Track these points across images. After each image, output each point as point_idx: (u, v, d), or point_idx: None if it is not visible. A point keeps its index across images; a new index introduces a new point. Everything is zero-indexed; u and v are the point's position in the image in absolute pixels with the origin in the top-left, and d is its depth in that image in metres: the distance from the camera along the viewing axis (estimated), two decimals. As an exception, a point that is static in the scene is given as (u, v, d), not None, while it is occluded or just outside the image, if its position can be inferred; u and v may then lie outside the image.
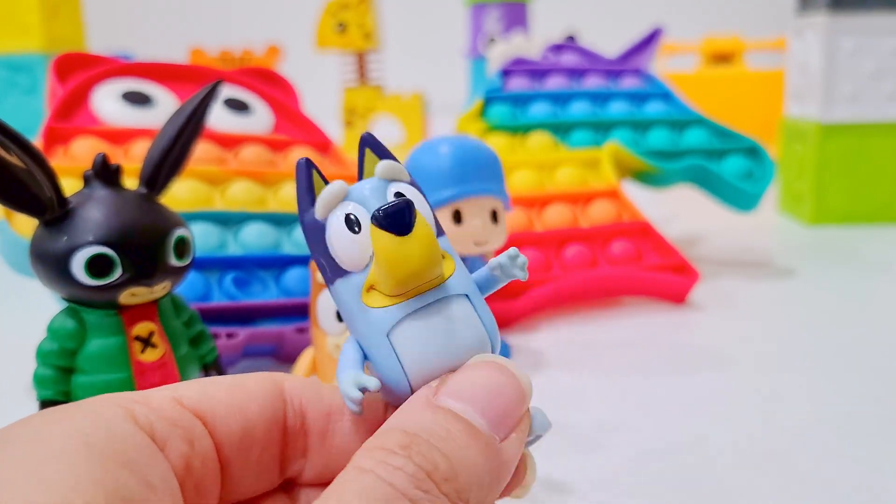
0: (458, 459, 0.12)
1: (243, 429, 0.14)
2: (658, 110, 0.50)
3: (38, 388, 0.23)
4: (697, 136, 0.49)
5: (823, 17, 0.57)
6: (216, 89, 0.25)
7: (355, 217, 0.15)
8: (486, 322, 0.15)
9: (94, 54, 0.40)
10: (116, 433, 0.12)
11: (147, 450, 0.12)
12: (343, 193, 0.15)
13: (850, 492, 0.22)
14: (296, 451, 0.15)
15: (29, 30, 0.60)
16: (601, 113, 0.49)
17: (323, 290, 0.25)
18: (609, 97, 0.50)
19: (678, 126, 0.49)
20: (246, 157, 0.38)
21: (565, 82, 0.51)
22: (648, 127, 0.49)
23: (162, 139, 0.24)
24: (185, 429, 0.13)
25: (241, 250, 0.34)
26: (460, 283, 0.15)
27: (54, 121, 0.36)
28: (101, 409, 0.13)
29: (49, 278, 0.22)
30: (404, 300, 0.15)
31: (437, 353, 0.15)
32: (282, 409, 0.15)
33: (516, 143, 0.47)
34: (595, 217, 0.43)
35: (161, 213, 0.23)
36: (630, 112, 0.50)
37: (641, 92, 0.51)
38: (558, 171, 0.45)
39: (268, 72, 0.44)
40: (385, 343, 0.15)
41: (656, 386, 0.31)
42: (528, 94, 0.50)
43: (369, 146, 0.16)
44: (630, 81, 0.52)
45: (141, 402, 0.13)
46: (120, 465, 0.12)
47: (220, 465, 0.14)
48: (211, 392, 0.14)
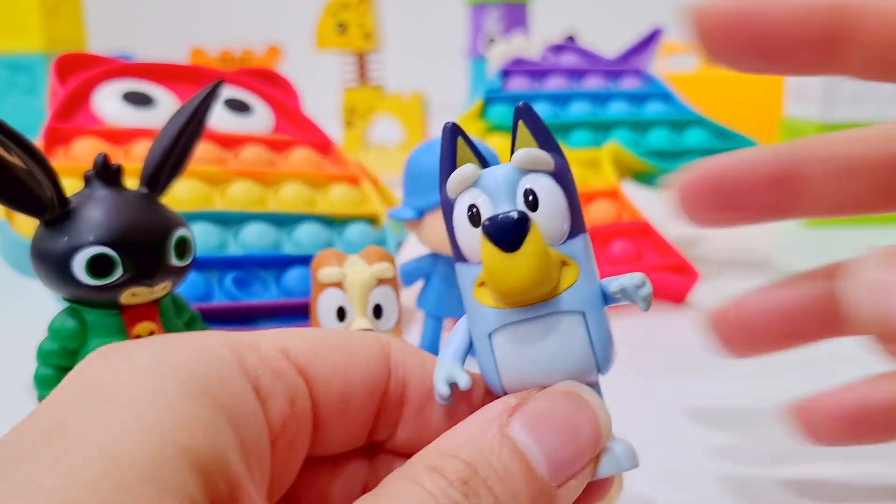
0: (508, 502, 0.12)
1: (343, 393, 0.14)
2: (658, 110, 0.50)
3: (39, 387, 0.23)
4: (697, 137, 0.49)
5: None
6: (217, 90, 0.25)
7: (477, 211, 0.14)
8: (598, 344, 0.14)
9: (94, 54, 0.40)
10: (223, 379, 0.12)
11: (249, 403, 0.12)
12: (472, 179, 0.14)
13: (851, 493, 0.22)
14: (390, 419, 0.15)
15: (29, 30, 0.60)
16: (601, 113, 0.49)
17: (323, 290, 0.25)
18: (609, 97, 0.50)
19: (678, 126, 0.50)
20: (246, 157, 0.38)
21: (565, 83, 0.51)
22: (648, 127, 0.49)
23: (163, 139, 0.24)
24: (289, 385, 0.13)
25: (241, 250, 0.34)
26: (577, 299, 0.14)
27: (55, 121, 0.36)
28: (209, 349, 0.12)
29: (50, 278, 0.22)
30: (510, 308, 0.14)
31: (532, 369, 0.14)
32: (385, 377, 0.15)
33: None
34: (595, 217, 0.43)
35: (162, 214, 0.23)
36: (630, 112, 0.50)
37: (641, 92, 0.51)
38: None
39: (268, 72, 0.44)
40: (486, 342, 0.15)
41: (656, 386, 0.31)
42: (528, 94, 0.50)
43: (523, 118, 0.15)
44: (630, 82, 0.53)
45: (250, 347, 0.13)
46: (220, 413, 0.11)
47: (313, 426, 0.14)
48: (318, 349, 0.14)
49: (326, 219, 0.37)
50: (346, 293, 0.24)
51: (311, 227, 0.36)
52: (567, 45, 0.57)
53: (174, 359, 0.11)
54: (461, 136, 0.15)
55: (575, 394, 0.14)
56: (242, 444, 0.11)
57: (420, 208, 0.32)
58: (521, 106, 0.15)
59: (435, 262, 0.33)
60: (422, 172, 0.32)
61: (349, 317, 0.24)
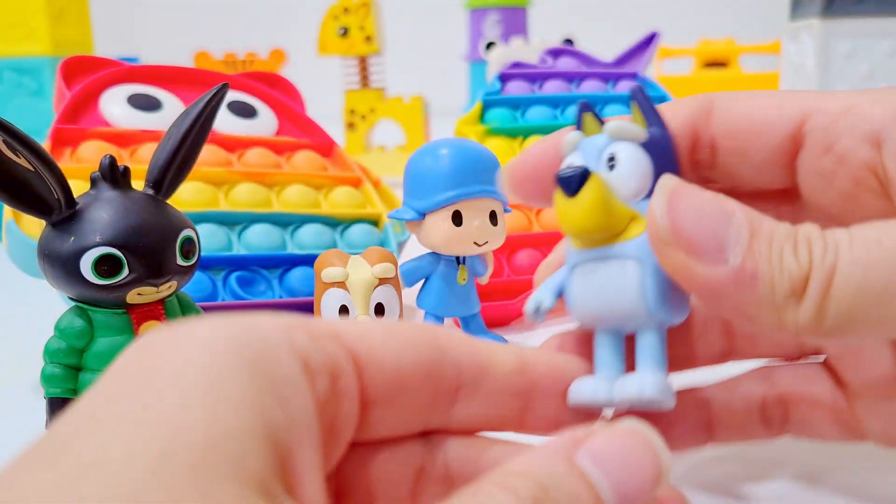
0: None
1: (396, 376, 0.14)
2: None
3: (46, 385, 0.23)
4: None
5: (816, 21, 0.57)
6: (222, 93, 0.25)
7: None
8: (651, 291, 0.16)
9: (100, 58, 0.41)
10: (272, 356, 0.12)
11: (299, 382, 0.12)
12: (574, 143, 0.18)
13: (850, 492, 0.23)
14: (445, 403, 0.15)
15: (36, 33, 0.61)
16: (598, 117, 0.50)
17: (327, 290, 0.25)
18: (606, 102, 0.51)
19: None
20: (250, 159, 0.39)
21: (563, 86, 0.52)
22: None
23: (168, 142, 0.24)
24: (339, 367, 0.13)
25: (245, 251, 0.35)
26: (637, 248, 0.16)
27: (61, 123, 0.37)
28: (260, 325, 0.12)
29: (57, 278, 0.23)
30: (584, 247, 0.17)
31: (592, 304, 0.17)
32: (438, 361, 0.15)
33: (515, 146, 0.47)
34: None
35: (168, 215, 0.24)
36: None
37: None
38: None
39: (272, 76, 0.45)
40: (569, 276, 0.18)
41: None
42: (527, 97, 0.50)
43: (637, 101, 0.18)
44: (626, 85, 0.53)
45: (301, 327, 0.13)
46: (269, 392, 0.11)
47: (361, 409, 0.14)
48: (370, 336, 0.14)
49: (329, 220, 0.38)
50: (348, 292, 0.25)
51: (314, 228, 0.37)
52: (565, 49, 0.57)
53: (229, 336, 0.12)
54: (588, 111, 0.19)
55: (638, 432, 0.14)
56: (294, 421, 0.12)
57: (421, 209, 0.32)
58: (634, 90, 0.18)
59: (435, 261, 0.34)
60: (422, 174, 0.32)
61: (352, 315, 0.25)
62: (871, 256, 0.15)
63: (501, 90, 0.51)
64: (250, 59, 0.89)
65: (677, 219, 0.16)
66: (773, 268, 0.15)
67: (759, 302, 0.16)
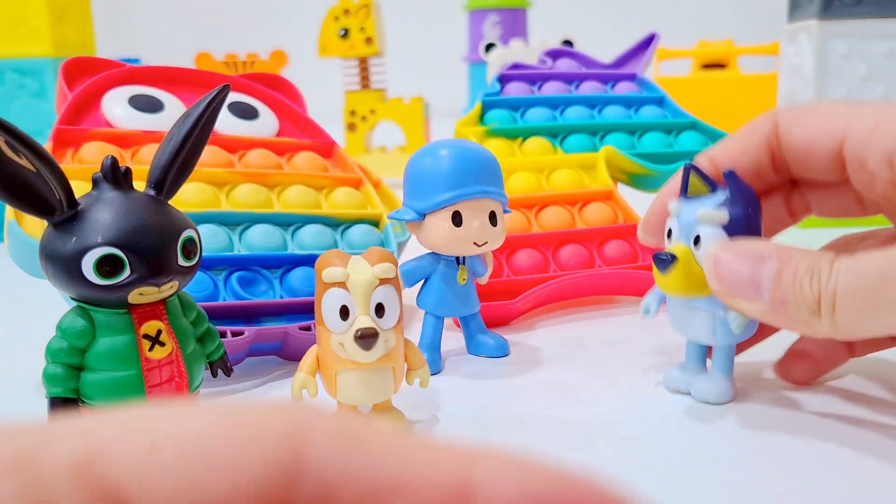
0: None
1: None
2: (652, 115, 0.51)
3: (48, 385, 0.23)
4: (691, 140, 0.50)
5: (814, 23, 0.58)
6: (223, 94, 0.25)
7: (670, 232, 0.27)
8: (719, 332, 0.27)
9: (102, 59, 0.41)
10: None
11: None
12: (676, 211, 0.26)
13: (847, 490, 0.23)
14: None
15: (38, 34, 0.61)
16: (597, 118, 0.50)
17: (327, 290, 0.25)
18: (605, 103, 0.51)
19: (672, 130, 0.50)
20: (251, 160, 0.39)
21: (562, 87, 0.52)
22: (643, 132, 0.50)
23: (170, 143, 0.24)
24: None
25: (247, 251, 0.35)
26: (710, 303, 0.26)
27: (63, 124, 0.37)
28: None
29: (59, 278, 0.23)
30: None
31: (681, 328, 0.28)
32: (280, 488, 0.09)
33: (514, 147, 0.47)
34: (591, 218, 0.44)
35: (169, 215, 0.24)
36: (625, 116, 0.50)
37: (637, 97, 0.52)
38: (555, 174, 0.46)
39: (273, 77, 0.45)
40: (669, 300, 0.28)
41: (650, 384, 0.31)
42: (526, 98, 0.50)
43: (727, 181, 0.25)
44: (625, 86, 0.53)
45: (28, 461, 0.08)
46: None
47: None
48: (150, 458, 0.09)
49: (330, 220, 0.38)
50: (349, 292, 0.25)
51: (314, 229, 0.37)
52: (564, 51, 0.57)
53: None
54: (693, 170, 0.26)
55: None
56: None
57: (421, 210, 0.32)
58: (727, 173, 0.25)
59: (435, 262, 0.34)
60: (423, 175, 0.33)
61: (352, 315, 0.25)
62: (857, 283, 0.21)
63: (501, 91, 0.51)
64: (251, 61, 0.89)
65: (721, 278, 0.24)
66: (796, 296, 0.22)
67: (793, 320, 0.23)
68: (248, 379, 0.33)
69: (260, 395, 0.31)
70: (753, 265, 0.23)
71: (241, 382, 0.32)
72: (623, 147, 0.48)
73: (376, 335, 0.25)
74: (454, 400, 0.30)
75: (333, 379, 0.26)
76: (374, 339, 0.25)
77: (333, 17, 0.95)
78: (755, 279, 0.23)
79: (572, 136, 0.48)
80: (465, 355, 0.35)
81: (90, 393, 0.23)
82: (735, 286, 0.23)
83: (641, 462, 0.25)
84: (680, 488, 0.23)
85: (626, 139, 0.49)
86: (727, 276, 0.24)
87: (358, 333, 0.24)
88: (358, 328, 0.25)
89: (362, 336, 0.24)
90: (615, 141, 0.48)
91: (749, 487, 0.23)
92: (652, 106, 0.51)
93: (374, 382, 0.26)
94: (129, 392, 0.23)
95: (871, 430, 0.26)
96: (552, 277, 0.40)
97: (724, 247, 0.24)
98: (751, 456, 0.25)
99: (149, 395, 0.24)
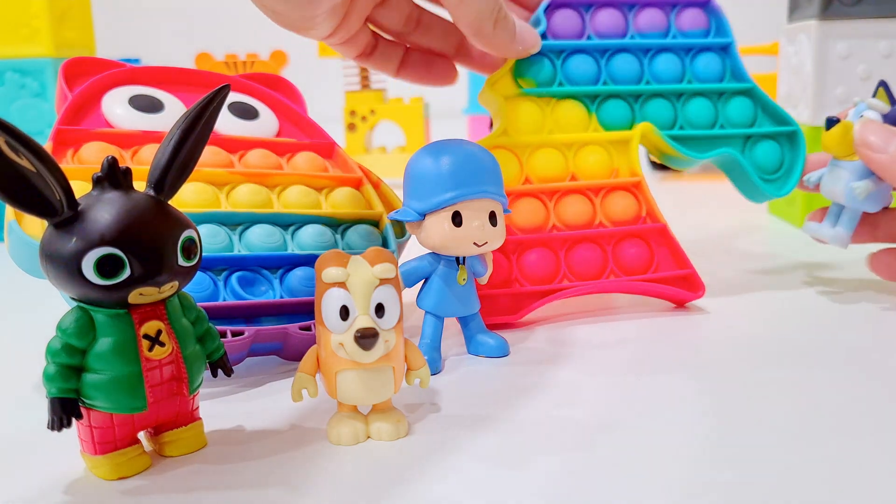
0: None
1: None
2: (707, 71, 0.44)
3: (48, 385, 0.23)
4: (739, 111, 0.44)
5: (814, 23, 0.58)
6: (223, 94, 0.25)
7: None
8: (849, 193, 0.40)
9: (102, 59, 0.41)
10: None
11: None
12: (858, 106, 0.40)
13: (842, 488, 0.23)
14: None
15: (38, 35, 0.61)
16: (645, 70, 0.44)
17: (327, 290, 0.25)
18: (658, 51, 0.44)
19: (723, 96, 0.45)
20: (251, 160, 0.39)
21: (617, 18, 0.44)
22: (690, 97, 0.44)
23: (170, 143, 0.24)
24: None
25: (246, 251, 0.35)
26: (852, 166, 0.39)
27: (63, 124, 0.37)
28: None
29: (59, 279, 0.23)
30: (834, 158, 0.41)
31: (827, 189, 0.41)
32: None
33: (547, 111, 0.42)
34: (614, 211, 0.41)
35: (169, 215, 0.24)
36: (675, 73, 0.44)
37: (697, 42, 0.44)
38: (583, 154, 0.42)
39: (273, 77, 0.45)
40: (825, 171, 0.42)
41: (649, 384, 0.31)
42: (569, 44, 0.43)
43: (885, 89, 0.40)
44: (691, 17, 0.45)
45: None
46: None
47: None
48: None
49: (330, 220, 0.38)
50: (349, 292, 0.25)
51: (314, 229, 0.37)
52: None
53: None
54: (884, 87, 0.40)
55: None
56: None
57: (421, 210, 0.32)
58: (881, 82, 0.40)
59: (435, 262, 0.34)
60: (423, 175, 0.33)
61: (352, 315, 0.25)
62: None
63: (547, 26, 0.43)
64: (251, 61, 0.89)
65: (864, 135, 0.38)
66: None
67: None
68: (248, 379, 0.33)
69: (260, 395, 0.31)
70: (888, 134, 0.38)
71: (241, 382, 0.32)
72: (664, 116, 0.43)
73: (376, 335, 0.25)
74: (454, 400, 0.30)
75: (333, 379, 0.26)
76: (374, 339, 0.25)
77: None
78: (885, 140, 0.37)
79: (610, 101, 0.43)
80: (465, 355, 0.35)
81: (90, 393, 0.23)
82: (872, 142, 0.38)
83: (641, 462, 0.25)
84: (680, 488, 0.23)
85: (668, 108, 0.43)
86: (869, 133, 0.38)
87: (358, 333, 0.25)
88: (358, 328, 0.25)
89: (362, 336, 0.25)
90: (656, 109, 0.43)
91: (749, 487, 0.23)
92: (712, 55, 0.44)
93: (374, 382, 0.26)
94: (129, 392, 0.24)
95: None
96: (561, 290, 0.39)
97: (874, 120, 0.39)
98: (751, 456, 0.25)
99: (149, 395, 0.24)
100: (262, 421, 0.28)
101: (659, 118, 0.43)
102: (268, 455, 0.26)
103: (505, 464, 0.25)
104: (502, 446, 0.26)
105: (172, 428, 0.26)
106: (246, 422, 0.28)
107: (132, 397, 0.24)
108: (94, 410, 0.24)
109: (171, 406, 0.25)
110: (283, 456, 0.26)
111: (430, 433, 0.27)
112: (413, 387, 0.28)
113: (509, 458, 0.25)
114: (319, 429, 0.27)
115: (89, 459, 0.25)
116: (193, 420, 0.26)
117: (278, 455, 0.26)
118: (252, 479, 0.24)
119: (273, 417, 0.29)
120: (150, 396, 0.24)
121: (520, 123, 0.41)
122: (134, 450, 0.25)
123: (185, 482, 0.24)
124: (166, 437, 0.26)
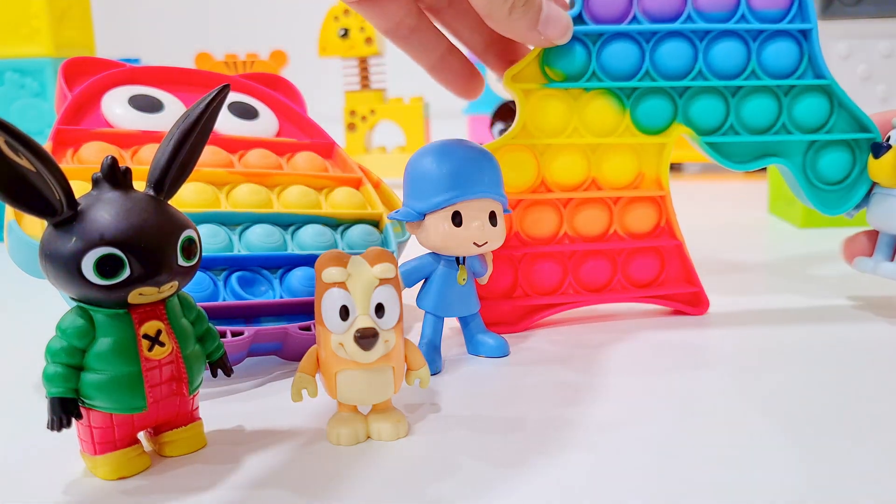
0: None
1: None
2: (778, 62, 0.37)
3: (48, 385, 0.23)
4: (808, 113, 0.38)
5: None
6: (223, 93, 0.25)
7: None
8: None
9: (102, 59, 0.41)
10: None
11: None
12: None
13: (841, 486, 0.23)
14: None
15: (38, 34, 0.61)
16: (699, 60, 0.37)
17: (327, 290, 0.25)
18: (716, 37, 0.36)
19: (791, 93, 0.38)
20: (251, 160, 0.39)
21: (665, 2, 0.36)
22: (747, 94, 0.37)
23: (169, 143, 0.24)
24: None
25: (246, 251, 0.35)
26: None
27: (63, 124, 0.37)
28: None
29: (59, 278, 0.23)
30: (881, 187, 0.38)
31: (875, 219, 0.38)
32: None
33: (575, 107, 0.37)
34: (632, 224, 0.39)
35: (169, 215, 0.24)
36: (736, 64, 0.37)
37: (771, 26, 0.37)
38: (607, 161, 0.38)
39: (273, 77, 0.45)
40: (871, 200, 0.39)
41: (649, 385, 0.31)
42: (608, 29, 0.36)
43: None
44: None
45: None
46: None
47: None
48: None
49: (330, 220, 0.38)
50: (349, 293, 0.25)
51: (314, 229, 0.37)
52: None
53: None
54: None
55: None
56: None
57: (421, 210, 0.32)
58: None
59: (435, 262, 0.34)
60: (423, 175, 0.33)
61: (352, 315, 0.25)
62: None
63: (585, 6, 0.36)
64: (251, 60, 0.89)
65: None
66: None
67: None
68: (248, 379, 0.33)
69: (260, 395, 0.31)
70: None
71: (241, 382, 0.32)
72: (712, 116, 0.37)
73: (376, 335, 0.25)
74: (454, 400, 0.30)
75: (333, 379, 0.26)
76: (374, 339, 0.25)
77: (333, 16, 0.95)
78: None
79: (650, 96, 0.37)
80: (465, 355, 0.35)
81: (90, 393, 0.23)
82: None
83: (641, 462, 0.25)
84: (680, 489, 0.23)
85: (719, 107, 0.37)
86: None
87: (358, 333, 0.25)
88: (358, 328, 0.25)
89: (362, 336, 0.25)
90: (704, 108, 0.37)
91: (749, 487, 0.23)
92: (787, 43, 0.37)
93: (374, 382, 0.26)
94: (129, 392, 0.24)
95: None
96: (565, 304, 0.39)
97: None
98: (752, 457, 0.25)
99: (148, 395, 0.24)
100: (262, 421, 0.28)
101: (706, 118, 0.37)
102: (268, 455, 0.26)
103: (505, 464, 0.25)
104: (502, 446, 0.26)
105: (172, 428, 0.26)
106: (246, 422, 0.28)
107: (132, 397, 0.24)
108: (94, 410, 0.24)
109: (170, 406, 0.25)
110: (283, 456, 0.26)
111: (430, 433, 0.27)
112: (413, 387, 0.28)
113: (509, 458, 0.25)
114: (319, 429, 0.27)
115: (89, 459, 0.25)
116: (193, 420, 0.26)
117: (278, 455, 0.26)
118: (252, 479, 0.24)
119: (273, 417, 0.29)
120: (150, 396, 0.24)
121: (541, 121, 0.37)
122: (134, 450, 0.25)
123: (185, 482, 0.24)
124: (166, 438, 0.26)
